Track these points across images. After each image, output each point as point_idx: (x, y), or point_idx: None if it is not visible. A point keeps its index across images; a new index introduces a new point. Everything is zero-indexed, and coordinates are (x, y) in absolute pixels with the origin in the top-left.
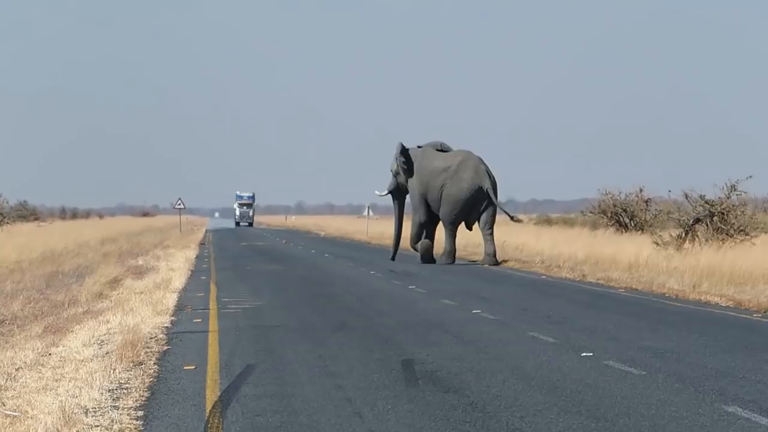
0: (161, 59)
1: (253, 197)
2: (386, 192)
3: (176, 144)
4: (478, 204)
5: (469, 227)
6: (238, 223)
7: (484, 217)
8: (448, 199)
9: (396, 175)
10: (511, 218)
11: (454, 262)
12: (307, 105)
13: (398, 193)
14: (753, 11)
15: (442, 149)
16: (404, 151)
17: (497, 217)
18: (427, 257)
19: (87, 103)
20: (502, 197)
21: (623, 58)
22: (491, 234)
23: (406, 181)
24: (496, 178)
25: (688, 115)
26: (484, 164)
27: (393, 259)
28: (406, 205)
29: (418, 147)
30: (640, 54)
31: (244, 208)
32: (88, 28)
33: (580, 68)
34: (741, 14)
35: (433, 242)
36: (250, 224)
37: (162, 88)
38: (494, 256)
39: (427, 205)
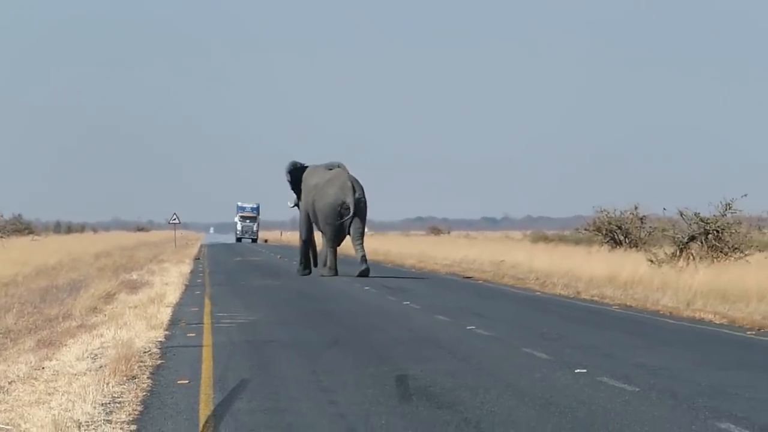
0: (160, 67)
1: (257, 209)
2: (293, 204)
3: (171, 157)
4: (344, 217)
5: (341, 241)
6: (239, 239)
7: (351, 230)
8: (320, 214)
9: None
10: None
11: (336, 274)
12: (303, 115)
13: None
14: (742, 29)
15: (330, 168)
16: (291, 171)
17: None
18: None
19: (81, 117)
20: (497, 213)
21: (619, 75)
22: (361, 244)
23: (299, 199)
24: (366, 197)
25: (682, 132)
26: (353, 181)
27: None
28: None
29: (317, 166)
30: (636, 73)
31: (247, 221)
32: (85, 38)
33: (577, 84)
34: (731, 31)
35: (316, 256)
36: (254, 240)
37: (161, 97)
38: (365, 261)
39: (310, 222)
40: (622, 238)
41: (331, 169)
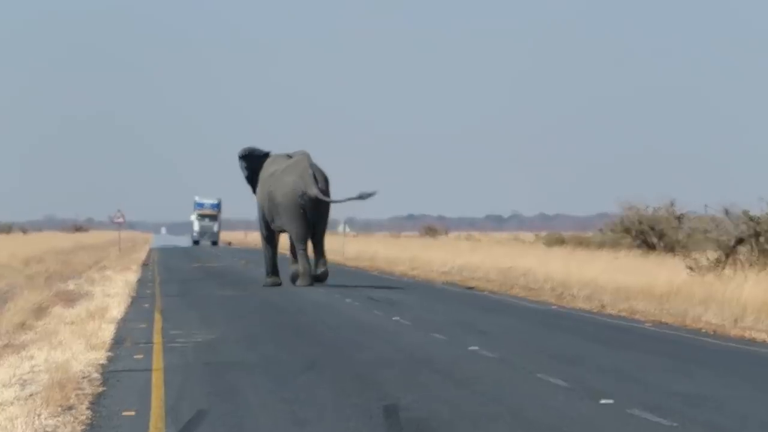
0: (100, 54)
1: (218, 206)
2: None
3: (115, 146)
4: (306, 211)
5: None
6: (197, 241)
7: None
8: (279, 208)
9: None
10: (360, 197)
11: (312, 283)
12: (278, 101)
13: None
14: None
15: (291, 156)
16: (245, 156)
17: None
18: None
19: (11, 102)
20: (504, 211)
21: (648, 56)
22: (321, 247)
23: (254, 192)
24: (329, 185)
25: (724, 118)
26: (315, 169)
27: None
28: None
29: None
30: (667, 53)
31: (206, 220)
32: (22, 27)
33: (596, 66)
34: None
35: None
36: (215, 242)
37: (104, 81)
38: (324, 264)
39: (267, 218)
40: (655, 240)
41: (290, 158)
